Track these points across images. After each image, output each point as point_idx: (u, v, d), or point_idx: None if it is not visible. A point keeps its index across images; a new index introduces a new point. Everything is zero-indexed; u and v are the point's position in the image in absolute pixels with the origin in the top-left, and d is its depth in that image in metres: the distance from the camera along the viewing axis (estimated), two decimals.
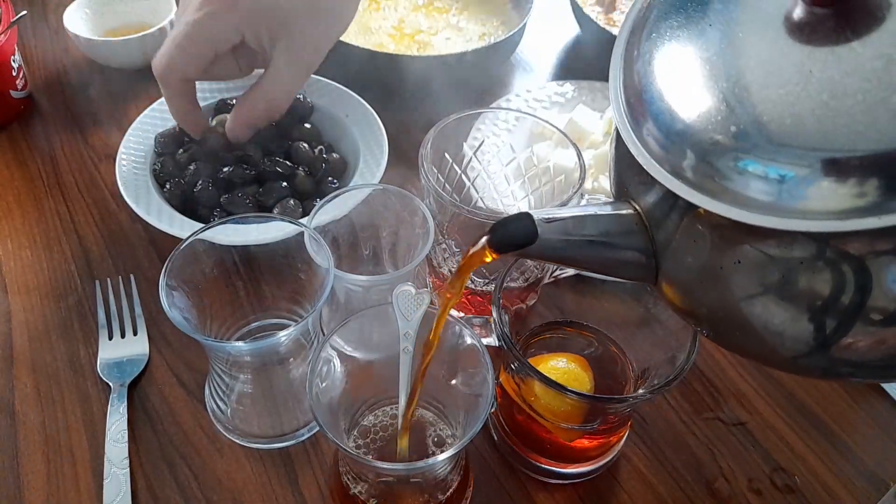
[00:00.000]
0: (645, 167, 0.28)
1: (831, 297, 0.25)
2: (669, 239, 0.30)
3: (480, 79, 0.77)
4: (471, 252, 0.33)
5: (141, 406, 0.51)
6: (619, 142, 0.31)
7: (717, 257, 0.28)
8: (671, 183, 0.27)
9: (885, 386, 0.53)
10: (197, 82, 0.66)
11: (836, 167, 0.23)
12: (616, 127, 0.31)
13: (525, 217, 0.31)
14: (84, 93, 0.75)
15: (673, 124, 0.27)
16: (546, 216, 0.31)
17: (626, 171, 0.32)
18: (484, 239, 0.33)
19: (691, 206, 0.27)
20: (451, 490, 0.43)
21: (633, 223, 0.31)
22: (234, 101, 0.64)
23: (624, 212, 0.31)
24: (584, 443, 0.46)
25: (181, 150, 0.61)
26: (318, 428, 0.49)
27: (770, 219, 0.24)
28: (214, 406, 0.50)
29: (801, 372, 0.30)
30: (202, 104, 0.65)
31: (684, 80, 0.28)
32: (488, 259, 0.33)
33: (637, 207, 0.31)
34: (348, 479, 0.43)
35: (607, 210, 0.32)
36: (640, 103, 0.29)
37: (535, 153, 0.52)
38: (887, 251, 0.24)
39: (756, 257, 0.26)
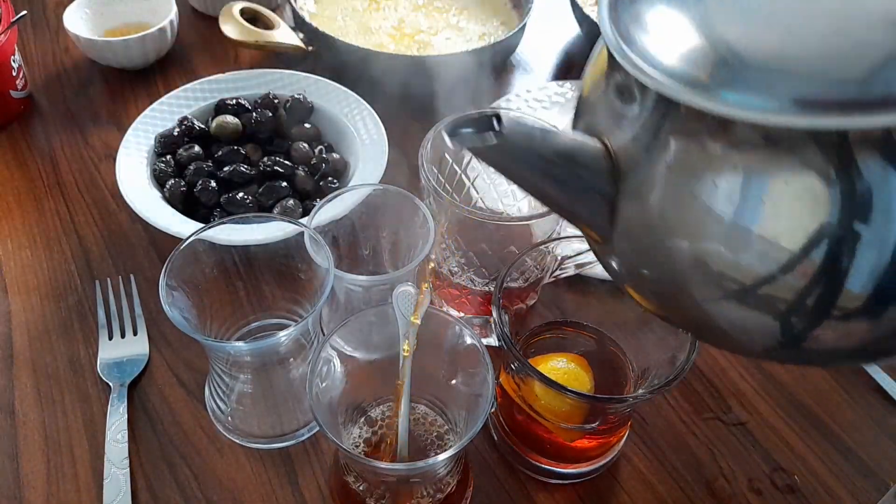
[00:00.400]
0: (633, 74, 0.27)
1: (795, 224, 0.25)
2: (636, 168, 0.29)
3: (480, 79, 0.77)
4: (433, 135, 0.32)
5: (141, 406, 0.51)
6: (596, 78, 0.31)
7: (692, 183, 0.27)
8: (659, 85, 0.26)
9: (885, 386, 0.53)
10: (196, 82, 0.66)
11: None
12: (589, 65, 0.30)
13: (494, 114, 0.29)
14: (84, 93, 0.75)
15: (663, 32, 0.27)
16: (516, 118, 0.29)
17: (600, 103, 0.31)
18: (447, 122, 0.30)
19: (667, 126, 0.27)
20: (451, 490, 0.43)
21: (599, 154, 0.30)
22: (234, 101, 0.64)
23: (592, 142, 0.30)
24: (584, 443, 0.46)
25: (181, 150, 0.61)
26: (318, 428, 0.49)
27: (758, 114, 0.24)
28: (214, 406, 0.50)
29: (755, 344, 0.30)
30: (202, 104, 0.65)
31: None
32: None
33: (606, 143, 0.30)
34: (348, 478, 0.43)
35: (577, 136, 0.31)
36: (630, 13, 0.28)
37: None
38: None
39: (730, 175, 0.26)
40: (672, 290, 0.30)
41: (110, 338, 0.54)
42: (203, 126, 0.63)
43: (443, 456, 0.36)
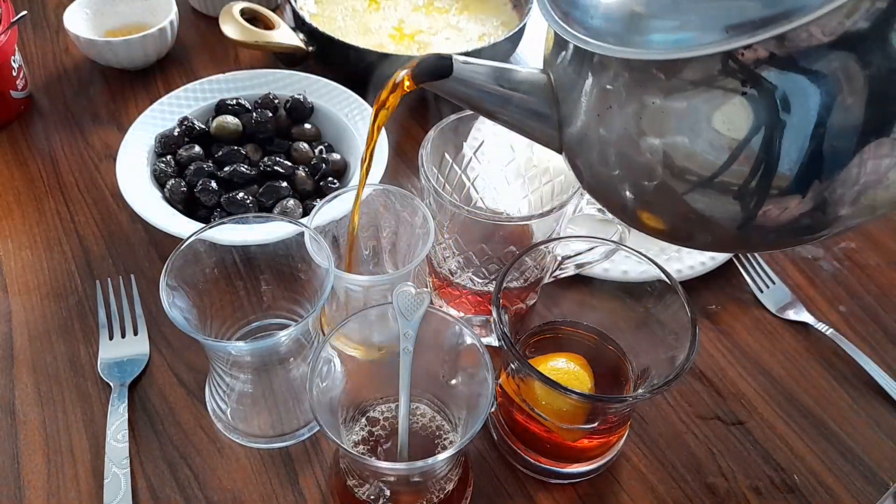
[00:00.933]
0: (553, 28, 0.33)
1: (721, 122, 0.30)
2: (571, 97, 0.35)
3: None
4: (393, 80, 0.39)
5: (141, 406, 0.51)
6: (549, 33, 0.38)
7: (614, 100, 0.33)
8: (573, 37, 0.31)
9: (886, 386, 0.53)
10: (197, 82, 0.66)
11: None
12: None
13: (447, 56, 0.37)
14: (84, 93, 0.75)
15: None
16: (465, 59, 0.37)
17: (547, 45, 0.38)
18: (406, 69, 0.38)
19: (591, 61, 0.33)
20: (451, 490, 0.43)
21: (542, 83, 0.36)
22: (234, 101, 0.64)
23: (537, 74, 0.37)
24: (584, 443, 0.46)
25: (181, 150, 0.61)
26: (318, 428, 0.49)
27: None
28: (215, 406, 0.50)
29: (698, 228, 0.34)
30: (202, 104, 0.65)
31: None
32: (406, 87, 0.39)
33: (549, 75, 0.37)
34: (348, 478, 0.43)
35: (524, 69, 0.37)
36: None
37: (535, 153, 0.52)
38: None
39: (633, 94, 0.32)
40: (616, 192, 0.36)
41: (111, 338, 0.54)
42: (203, 126, 0.63)
43: (443, 456, 0.36)
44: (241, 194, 0.57)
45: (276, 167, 0.59)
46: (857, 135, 0.28)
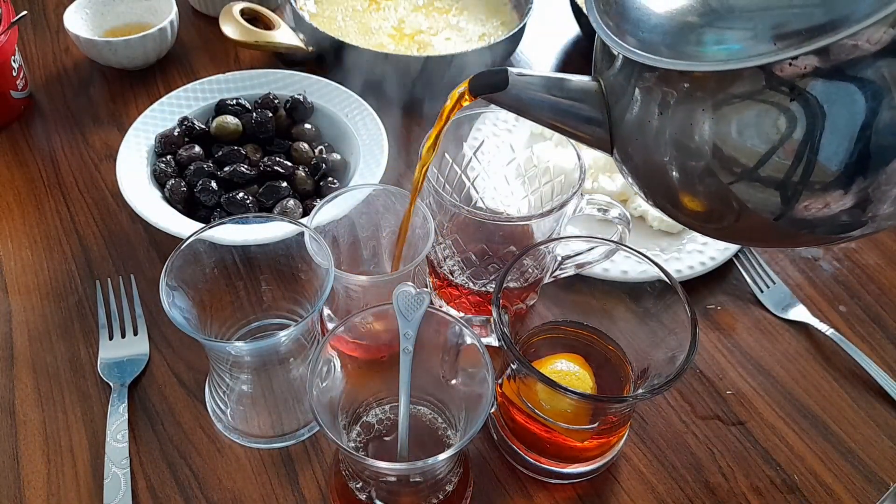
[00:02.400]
0: (605, 41, 0.34)
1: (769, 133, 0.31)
2: (622, 103, 0.36)
3: None
4: (454, 93, 0.41)
5: (141, 406, 0.51)
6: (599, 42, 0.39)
7: (664, 110, 0.34)
8: (625, 50, 0.33)
9: (886, 386, 0.53)
10: (197, 82, 0.66)
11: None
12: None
13: (502, 70, 0.38)
14: (84, 93, 0.75)
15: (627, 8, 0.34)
16: (519, 71, 0.38)
17: (597, 54, 0.39)
18: (465, 84, 0.40)
19: (642, 71, 0.34)
20: (451, 490, 0.43)
21: (593, 91, 0.38)
22: (234, 101, 0.64)
23: (588, 82, 0.38)
24: (585, 443, 0.46)
25: (181, 150, 0.61)
26: (318, 428, 0.49)
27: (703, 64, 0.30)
28: (214, 406, 0.50)
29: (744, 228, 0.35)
30: (202, 104, 0.65)
31: None
32: (466, 101, 0.41)
33: (600, 82, 0.38)
34: (348, 478, 0.43)
35: (575, 78, 0.39)
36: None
37: (535, 153, 0.52)
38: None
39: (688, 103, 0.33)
40: (668, 194, 0.37)
41: (111, 338, 0.54)
42: (203, 126, 0.63)
43: (443, 456, 0.36)
44: (241, 194, 0.57)
45: (276, 167, 0.59)
46: None
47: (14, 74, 0.70)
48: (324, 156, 0.62)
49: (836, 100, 0.29)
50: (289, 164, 0.60)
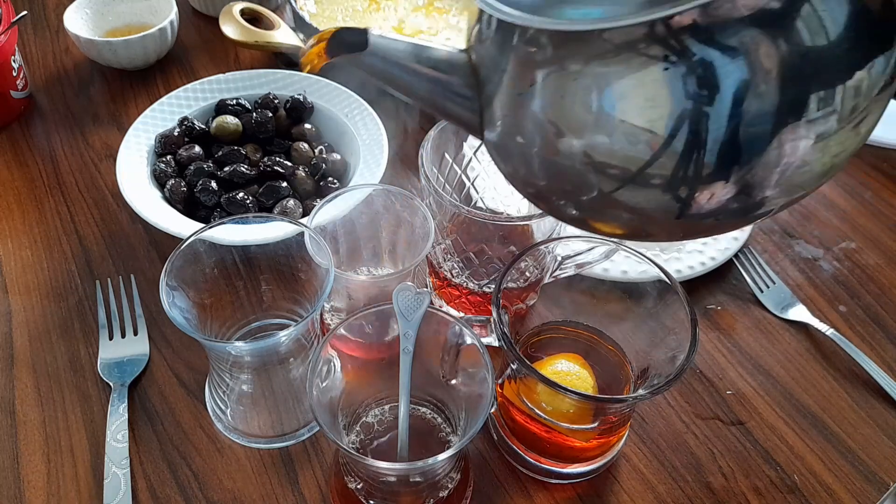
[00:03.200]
0: (480, 6, 0.31)
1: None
2: (493, 78, 0.33)
3: None
4: (311, 54, 0.36)
5: (141, 406, 0.51)
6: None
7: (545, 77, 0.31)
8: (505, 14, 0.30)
9: (886, 386, 0.53)
10: (197, 82, 0.66)
11: None
12: None
13: (363, 30, 0.35)
14: (84, 93, 0.75)
15: None
16: (381, 33, 0.35)
17: (470, 21, 0.36)
18: (317, 41, 0.35)
19: (513, 35, 0.31)
20: (451, 490, 0.43)
21: (462, 63, 0.34)
22: (234, 101, 0.64)
23: (456, 53, 0.35)
24: (583, 443, 0.46)
25: (181, 150, 0.61)
26: (318, 428, 0.49)
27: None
28: (214, 406, 0.50)
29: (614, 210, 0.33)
30: (202, 104, 0.65)
31: None
32: (319, 59, 0.36)
33: (470, 54, 0.35)
34: (348, 478, 0.43)
35: (443, 48, 0.35)
36: None
37: None
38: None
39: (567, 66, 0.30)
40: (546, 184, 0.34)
41: (111, 338, 0.54)
42: (203, 126, 0.63)
43: (443, 456, 0.36)
44: (241, 194, 0.57)
45: (276, 167, 0.59)
46: (775, 117, 0.28)
47: (14, 74, 0.70)
48: (324, 156, 0.62)
49: (710, 65, 0.27)
50: (289, 164, 0.60)
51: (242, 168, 0.59)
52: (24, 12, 0.70)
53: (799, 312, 0.58)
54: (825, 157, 0.30)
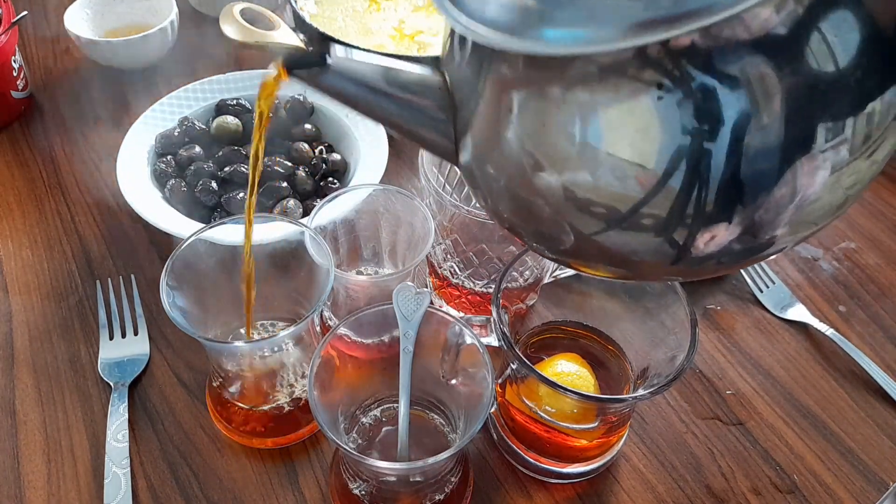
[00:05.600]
0: (446, 18, 0.28)
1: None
2: (468, 101, 0.30)
3: None
4: (268, 81, 0.34)
5: (141, 406, 0.51)
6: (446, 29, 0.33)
7: (519, 101, 0.28)
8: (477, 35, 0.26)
9: (886, 386, 0.53)
10: (197, 82, 0.66)
11: None
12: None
13: (324, 44, 0.32)
14: (84, 93, 0.75)
15: None
16: (345, 48, 0.32)
17: (444, 39, 0.33)
18: (279, 65, 0.34)
19: (492, 58, 0.28)
20: (451, 490, 0.43)
21: (436, 85, 0.31)
22: (235, 101, 0.64)
23: (429, 74, 0.32)
24: (584, 443, 0.46)
25: (181, 150, 0.61)
26: (318, 428, 0.49)
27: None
28: (215, 406, 0.50)
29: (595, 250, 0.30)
30: (202, 104, 0.65)
31: None
32: (280, 78, 0.34)
33: (444, 75, 0.32)
34: (348, 478, 0.43)
35: (415, 68, 0.32)
36: None
37: None
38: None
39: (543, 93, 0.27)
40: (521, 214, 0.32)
41: (111, 338, 0.54)
42: (203, 126, 0.63)
43: (443, 456, 0.36)
44: (241, 194, 0.57)
45: (276, 167, 0.59)
46: (781, 151, 0.25)
47: (14, 74, 0.70)
48: (324, 156, 0.62)
49: (720, 93, 0.24)
50: (289, 164, 0.60)
51: (242, 168, 0.59)
52: (25, 12, 0.70)
53: (799, 312, 0.58)
54: (838, 190, 0.27)
